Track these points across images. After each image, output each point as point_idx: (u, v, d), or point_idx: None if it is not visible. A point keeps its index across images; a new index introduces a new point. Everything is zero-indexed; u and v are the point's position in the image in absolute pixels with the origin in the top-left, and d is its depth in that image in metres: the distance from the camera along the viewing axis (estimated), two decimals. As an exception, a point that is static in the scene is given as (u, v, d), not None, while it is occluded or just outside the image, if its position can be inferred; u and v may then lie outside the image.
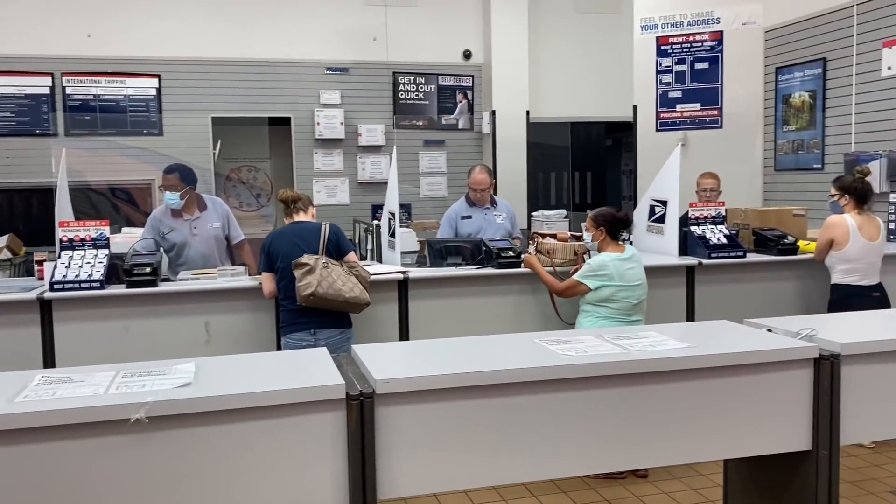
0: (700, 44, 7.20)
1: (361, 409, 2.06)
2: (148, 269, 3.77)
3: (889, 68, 5.78)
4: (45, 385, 2.08)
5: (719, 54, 7.13)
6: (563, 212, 5.85)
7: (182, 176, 4.39)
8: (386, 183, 8.25)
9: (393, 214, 4.41)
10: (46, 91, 7.77)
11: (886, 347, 2.65)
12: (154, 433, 1.95)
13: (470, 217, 5.10)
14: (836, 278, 4.49)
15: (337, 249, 3.67)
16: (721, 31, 7.08)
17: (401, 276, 4.05)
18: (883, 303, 4.41)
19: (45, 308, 3.68)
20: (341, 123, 8.28)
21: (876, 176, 5.72)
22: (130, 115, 7.91)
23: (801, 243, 4.89)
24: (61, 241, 3.91)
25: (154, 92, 7.94)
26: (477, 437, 2.24)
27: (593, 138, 10.50)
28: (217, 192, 7.98)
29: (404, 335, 4.06)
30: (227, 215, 4.59)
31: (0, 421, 1.84)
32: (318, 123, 8.23)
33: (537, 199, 9.12)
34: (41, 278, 3.97)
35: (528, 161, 8.80)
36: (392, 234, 4.43)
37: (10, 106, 7.68)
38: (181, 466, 1.99)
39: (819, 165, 6.53)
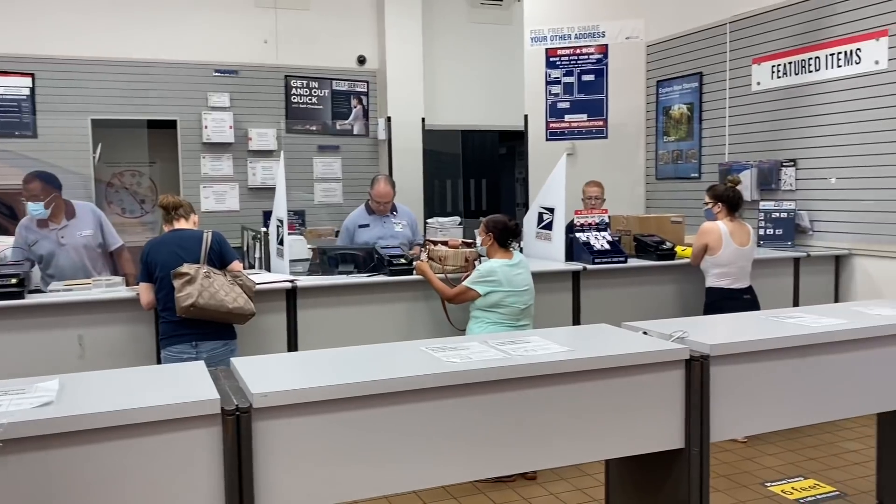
0: (587, 56, 7.41)
1: (238, 424, 1.99)
2: (13, 280, 3.52)
3: (758, 83, 6.08)
4: None
5: (604, 67, 7.37)
6: (458, 219, 5.88)
7: (44, 183, 4.13)
8: (267, 189, 8.20)
9: (281, 221, 4.32)
10: None
11: (752, 348, 2.77)
12: (10, 457, 1.82)
13: (368, 225, 5.05)
14: (710, 282, 4.67)
15: (220, 258, 3.55)
16: (606, 45, 7.32)
17: (288, 284, 3.95)
18: (753, 305, 4.59)
19: None
20: (231, 127, 8.05)
21: (747, 185, 6.01)
22: (0, 116, 7.42)
23: (678, 249, 5.05)
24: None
25: (27, 91, 7.48)
26: (361, 447, 2.21)
27: (488, 146, 10.62)
28: (98, 199, 7.62)
29: (293, 346, 3.96)
30: (101, 221, 4.36)
31: None
32: (206, 127, 7.97)
33: (433, 206, 9.16)
34: None
35: (423, 168, 8.84)
36: (280, 242, 4.33)
37: None
38: (43, 492, 1.88)
39: (696, 174, 6.79)
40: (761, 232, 5.70)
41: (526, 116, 7.76)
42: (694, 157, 6.86)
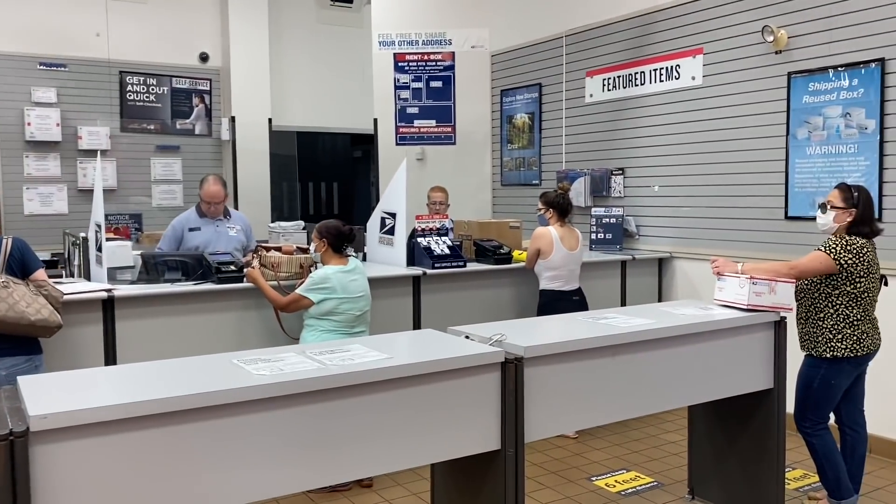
0: (434, 63, 7.47)
1: (12, 449, 1.84)
2: None
3: (591, 95, 6.37)
4: None
5: (452, 74, 7.45)
6: (301, 223, 5.75)
7: None
8: (113, 191, 7.74)
9: (99, 226, 4.05)
10: None
11: (564, 349, 2.87)
12: None
13: (199, 229, 4.81)
14: (543, 284, 4.81)
15: (21, 267, 3.27)
16: (453, 52, 7.40)
17: (104, 294, 3.70)
18: (582, 305, 4.77)
19: None
20: (58, 125, 7.50)
21: (581, 192, 6.29)
22: None
23: (515, 253, 5.17)
24: None
25: None
26: (166, 468, 2.10)
27: (340, 149, 10.52)
28: None
29: (111, 360, 3.70)
30: None
31: None
32: (30, 124, 7.38)
33: (282, 210, 8.98)
34: None
35: (270, 170, 8.65)
36: (99, 249, 4.06)
37: None
38: None
39: (537, 181, 7.01)
40: (593, 236, 5.94)
41: (375, 120, 7.74)
42: (535, 165, 7.08)
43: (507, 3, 7.37)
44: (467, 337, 2.92)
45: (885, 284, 3.57)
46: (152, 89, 8.13)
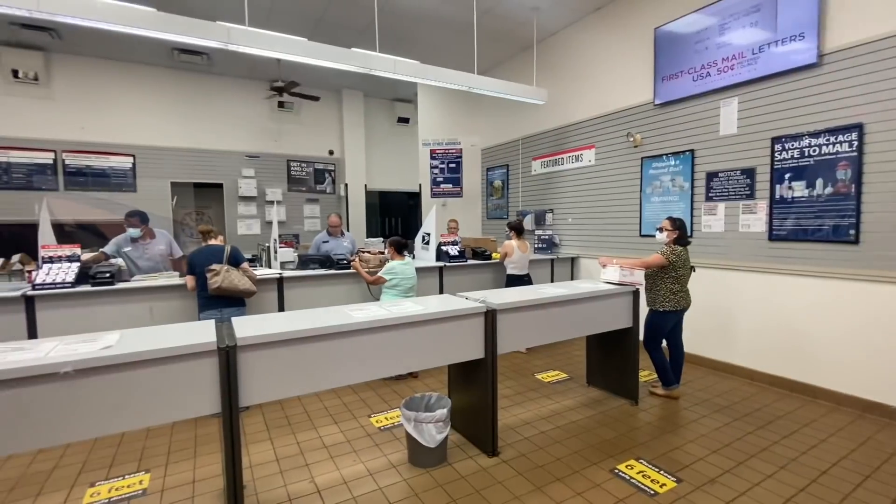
0: (451, 154, 7.46)
1: (228, 355, 1.89)
2: (108, 275, 3.21)
3: (535, 171, 6.35)
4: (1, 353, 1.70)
5: (460, 159, 7.42)
6: (381, 239, 5.77)
7: (140, 218, 3.80)
8: (283, 222, 7.86)
9: (275, 240, 4.11)
10: (50, 161, 6.43)
11: (519, 305, 2.80)
12: (84, 380, 1.66)
13: (328, 242, 4.83)
14: (508, 271, 4.78)
15: (235, 261, 3.35)
16: (461, 148, 7.38)
17: (278, 275, 3.78)
18: (530, 283, 4.75)
19: (29, 302, 3.01)
20: (255, 188, 7.64)
21: (529, 221, 6.27)
22: (113, 179, 6.74)
23: (494, 255, 5.16)
24: (42, 258, 3.24)
25: (130, 165, 6.84)
26: (307, 365, 2.14)
27: (401, 199, 10.51)
28: (175, 229, 7.05)
29: (281, 310, 3.77)
30: (170, 242, 3.99)
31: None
32: (241, 187, 7.53)
33: (371, 232, 9.04)
34: (30, 282, 3.25)
35: (365, 211, 8.69)
36: (275, 252, 4.13)
37: (22, 170, 6.28)
38: (105, 398, 1.71)
39: (506, 216, 6.96)
40: (536, 246, 5.89)
41: (420, 185, 7.75)
42: (504, 208, 7.04)
43: (490, 122, 7.35)
44: (466, 298, 2.94)
45: (694, 270, 3.52)
46: (304, 168, 8.20)
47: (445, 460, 2.64)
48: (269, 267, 4.37)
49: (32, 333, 3.00)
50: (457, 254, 4.94)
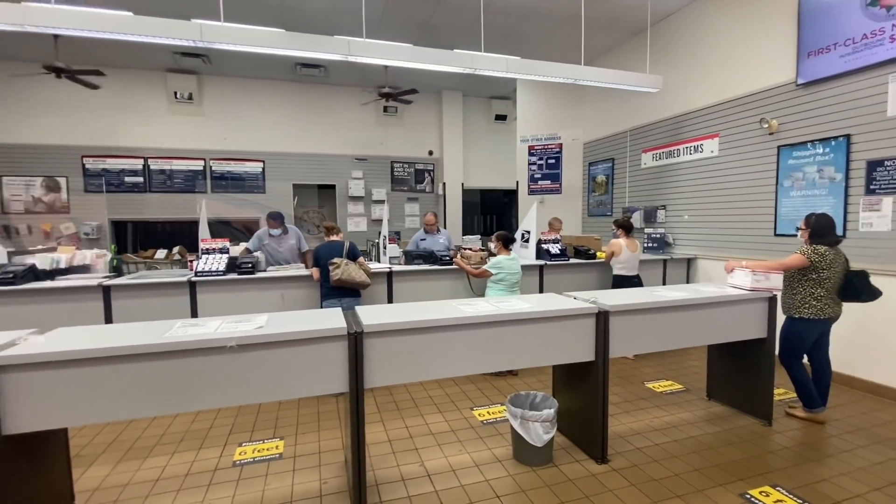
0: (550, 149, 7.29)
1: (356, 340, 2.07)
2: (250, 265, 3.70)
3: (645, 164, 5.94)
4: (182, 328, 2.07)
5: (560, 155, 7.21)
6: (479, 236, 5.85)
7: (280, 220, 4.30)
8: (387, 220, 8.35)
9: (384, 237, 4.38)
10: (200, 168, 7.59)
11: (634, 308, 2.67)
12: (243, 354, 1.94)
13: (425, 239, 5.00)
14: (615, 271, 4.55)
15: (353, 255, 3.63)
16: (561, 143, 7.17)
17: (388, 269, 4.01)
18: (640, 285, 4.46)
19: (192, 286, 3.58)
20: (363, 188, 8.21)
21: (638, 219, 5.88)
22: (247, 182, 7.75)
23: (598, 254, 4.95)
24: (202, 250, 3.84)
25: (260, 169, 7.80)
26: (418, 351, 2.24)
27: (498, 197, 10.56)
28: (297, 225, 7.89)
29: (390, 301, 4.01)
30: (300, 237, 4.45)
31: (158, 346, 1.82)
32: (350, 188, 8.14)
33: (467, 229, 9.19)
34: (192, 269, 3.87)
35: (462, 209, 8.86)
36: (385, 247, 4.40)
37: (180, 176, 7.50)
38: (257, 371, 1.99)
39: (610, 214, 6.62)
40: (646, 245, 5.52)
41: (517, 182, 7.69)
42: (608, 204, 6.69)
43: (594, 114, 7.02)
44: (575, 297, 2.87)
45: (866, 275, 2.96)
46: (406, 169, 8.59)
47: (551, 461, 2.61)
48: (378, 261, 4.66)
49: (194, 312, 3.57)
50: (558, 252, 4.82)
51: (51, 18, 3.28)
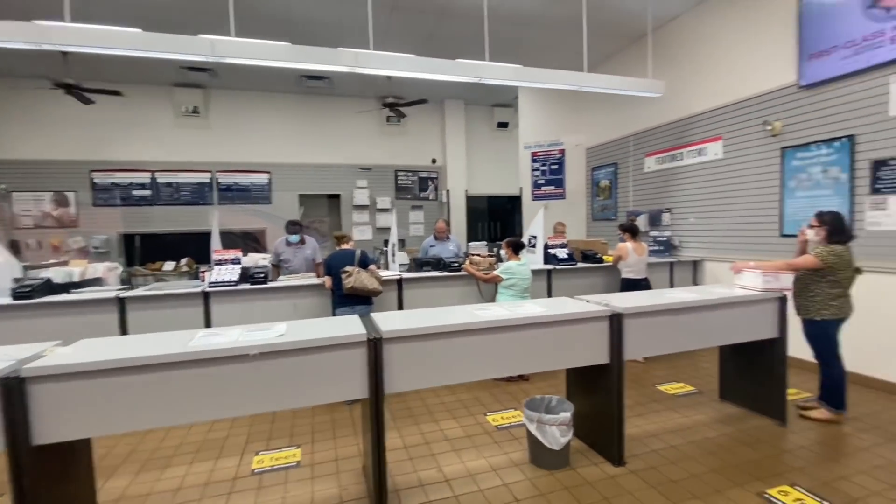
0: (553, 155, 7.36)
1: (375, 346, 2.09)
2: (262, 275, 3.74)
3: (648, 167, 5.98)
4: (204, 337, 2.10)
5: (563, 160, 7.29)
6: (485, 243, 5.88)
7: (299, 226, 4.36)
8: (390, 228, 8.39)
9: (387, 243, 4.40)
10: (207, 180, 7.67)
11: (647, 309, 2.69)
12: (265, 362, 1.96)
13: (434, 245, 5.03)
14: (623, 275, 4.56)
15: (364, 263, 3.64)
16: (564, 149, 7.25)
17: (398, 276, 4.03)
18: (648, 288, 4.44)
19: (206, 296, 3.61)
20: (367, 197, 8.27)
21: (643, 222, 5.91)
22: (254, 193, 7.82)
23: (605, 258, 4.97)
24: (214, 261, 3.87)
25: (266, 180, 7.87)
26: (435, 356, 2.25)
27: (502, 203, 10.61)
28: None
29: (401, 308, 4.02)
30: (316, 248, 4.46)
31: (185, 355, 1.85)
32: (355, 197, 8.21)
33: (473, 236, 9.24)
34: (203, 281, 3.90)
35: (466, 215, 8.91)
36: (393, 256, 4.42)
37: (187, 189, 7.58)
38: (278, 378, 2.01)
39: (614, 217, 6.64)
40: (652, 248, 5.54)
41: (521, 188, 7.75)
42: (612, 209, 6.72)
43: (597, 120, 7.07)
44: (587, 301, 2.88)
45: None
46: (409, 177, 8.67)
47: (568, 464, 2.62)
48: (387, 269, 4.69)
49: (208, 322, 3.60)
50: (566, 256, 4.85)
51: (66, 37, 3.36)
